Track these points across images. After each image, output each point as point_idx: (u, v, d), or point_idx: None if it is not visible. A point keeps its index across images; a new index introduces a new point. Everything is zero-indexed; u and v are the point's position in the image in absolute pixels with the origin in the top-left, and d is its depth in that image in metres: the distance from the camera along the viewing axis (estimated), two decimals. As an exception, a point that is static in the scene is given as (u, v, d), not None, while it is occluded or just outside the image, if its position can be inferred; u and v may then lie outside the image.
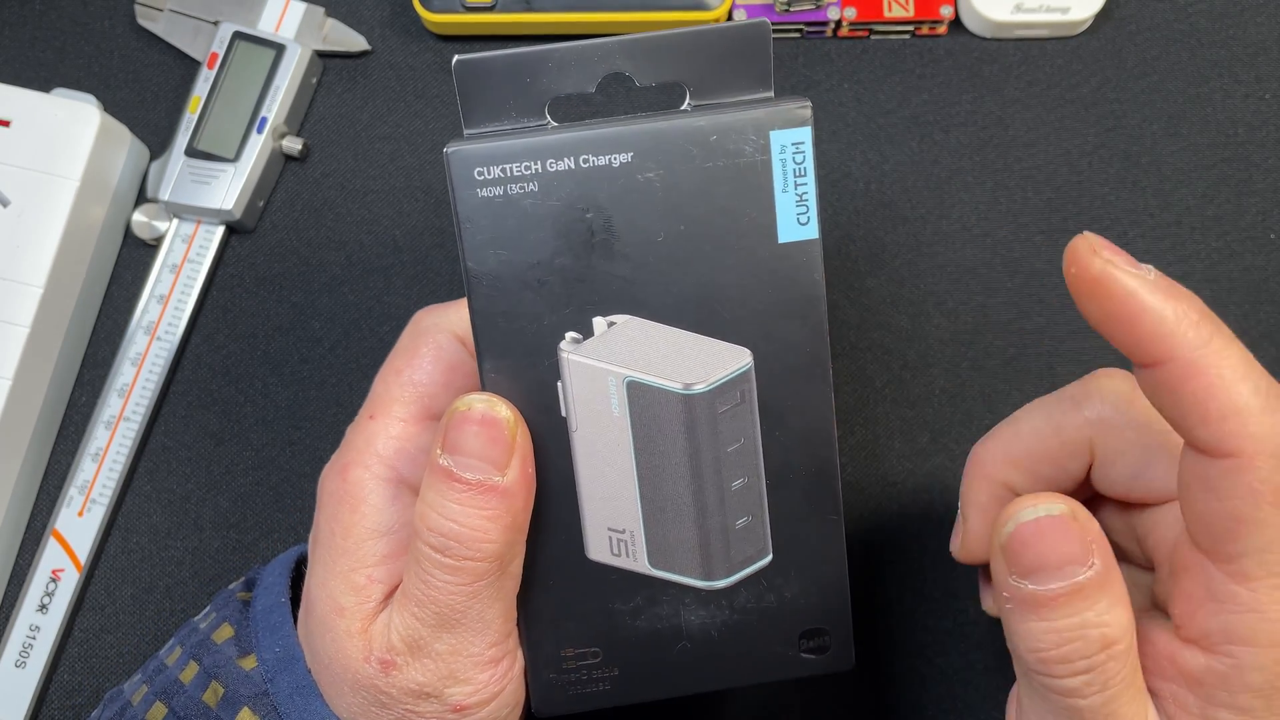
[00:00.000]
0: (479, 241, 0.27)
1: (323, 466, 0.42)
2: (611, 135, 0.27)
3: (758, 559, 0.30)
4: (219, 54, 0.44)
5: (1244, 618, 0.24)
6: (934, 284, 0.43)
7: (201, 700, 0.29)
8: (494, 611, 0.27)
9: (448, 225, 0.44)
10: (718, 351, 0.28)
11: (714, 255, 0.27)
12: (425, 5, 0.44)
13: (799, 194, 0.27)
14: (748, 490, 0.29)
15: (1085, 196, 0.44)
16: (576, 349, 0.28)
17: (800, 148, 0.27)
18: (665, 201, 0.27)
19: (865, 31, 0.45)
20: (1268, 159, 0.44)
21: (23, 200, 0.41)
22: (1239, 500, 0.24)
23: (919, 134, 0.44)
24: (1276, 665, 0.24)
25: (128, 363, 0.43)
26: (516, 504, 0.27)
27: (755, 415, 0.29)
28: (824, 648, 0.30)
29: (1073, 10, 0.43)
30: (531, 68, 0.28)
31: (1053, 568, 0.24)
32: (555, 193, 0.27)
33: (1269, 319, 0.42)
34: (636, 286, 0.27)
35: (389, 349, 0.43)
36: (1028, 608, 0.24)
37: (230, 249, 0.45)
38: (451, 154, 0.27)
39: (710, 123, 0.27)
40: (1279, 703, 0.24)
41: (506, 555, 0.27)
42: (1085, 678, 0.24)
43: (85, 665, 0.41)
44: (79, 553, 0.42)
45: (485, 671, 0.28)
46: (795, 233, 0.28)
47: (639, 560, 0.29)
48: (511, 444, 0.27)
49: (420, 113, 0.45)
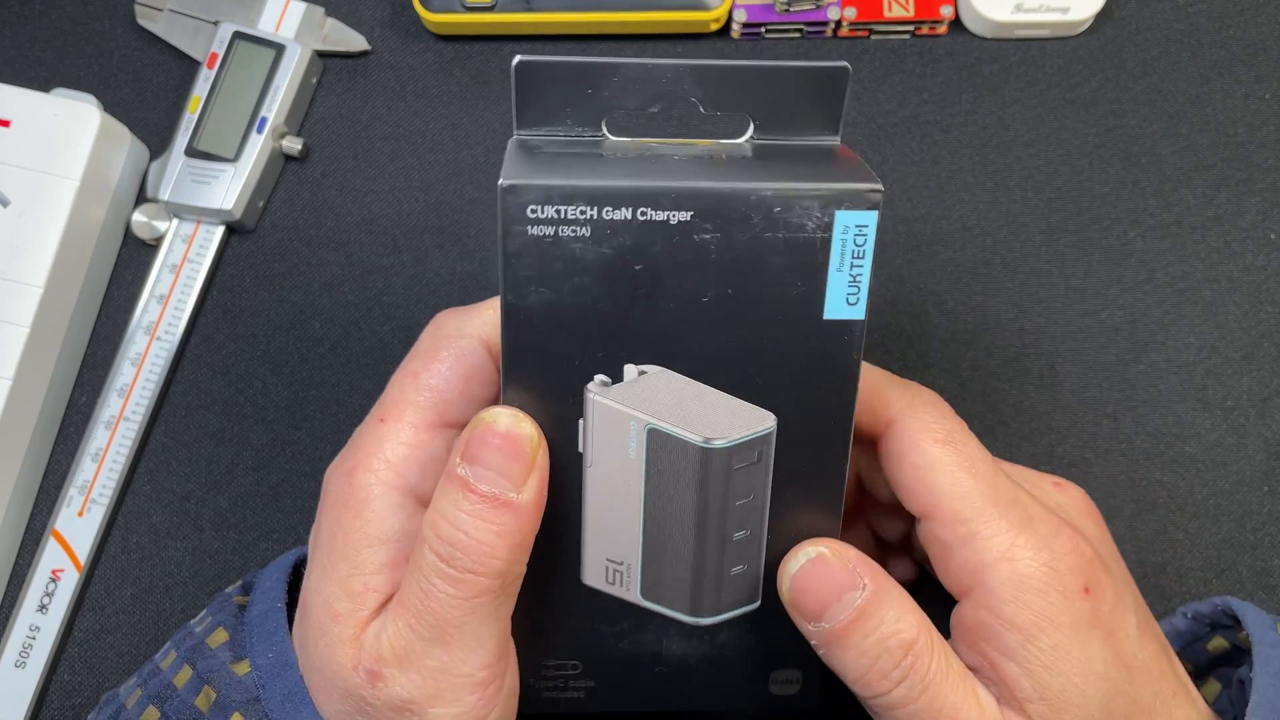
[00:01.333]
0: (521, 278, 0.26)
1: (323, 466, 0.42)
2: (674, 191, 0.26)
3: (746, 604, 0.30)
4: (219, 54, 0.44)
5: (971, 557, 0.28)
6: (934, 284, 0.43)
7: (194, 705, 0.29)
8: (489, 631, 0.27)
9: (448, 225, 0.44)
10: (743, 411, 0.28)
11: (756, 322, 0.27)
12: (425, 5, 0.44)
13: (853, 275, 0.27)
14: (748, 541, 0.29)
15: (1085, 196, 0.44)
16: (604, 391, 0.27)
17: (864, 231, 0.26)
18: (717, 264, 0.26)
19: (865, 31, 0.45)
20: (1268, 159, 0.44)
21: (23, 200, 0.41)
22: (935, 473, 0.28)
23: (919, 134, 0.44)
24: (1011, 579, 0.27)
25: (128, 363, 0.43)
26: (527, 524, 0.27)
27: (769, 476, 0.28)
28: (792, 684, 0.31)
29: (1073, 10, 0.43)
30: (595, 78, 0.27)
31: (832, 602, 0.27)
32: (607, 241, 0.26)
33: (1269, 319, 0.42)
34: (674, 341, 0.27)
35: (389, 349, 0.43)
36: (834, 644, 0.27)
37: (230, 249, 0.45)
38: (506, 188, 0.26)
39: (777, 193, 0.26)
40: (1037, 607, 0.27)
41: (509, 574, 0.27)
42: (905, 685, 0.27)
43: (85, 665, 0.41)
44: (79, 553, 0.42)
45: (473, 694, 0.27)
46: (842, 311, 0.27)
47: (631, 591, 0.30)
48: (531, 462, 0.27)
49: (420, 113, 0.45)
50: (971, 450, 0.29)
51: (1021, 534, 0.28)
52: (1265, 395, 0.42)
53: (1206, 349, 0.42)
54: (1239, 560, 0.41)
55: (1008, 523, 0.28)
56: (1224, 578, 0.41)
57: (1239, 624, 0.32)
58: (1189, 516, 0.41)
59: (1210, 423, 0.42)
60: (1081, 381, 0.42)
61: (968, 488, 0.28)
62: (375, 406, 0.30)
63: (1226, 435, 0.41)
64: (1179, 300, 0.43)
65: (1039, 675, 0.27)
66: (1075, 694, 0.27)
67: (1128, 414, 0.42)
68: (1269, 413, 0.42)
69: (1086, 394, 0.42)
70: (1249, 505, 0.41)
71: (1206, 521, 0.41)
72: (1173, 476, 0.41)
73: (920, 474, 0.28)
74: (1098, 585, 0.28)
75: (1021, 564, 0.27)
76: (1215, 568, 0.41)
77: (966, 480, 0.28)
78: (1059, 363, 0.42)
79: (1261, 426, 0.41)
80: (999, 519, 0.28)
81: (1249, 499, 0.41)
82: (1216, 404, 0.42)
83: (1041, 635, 0.27)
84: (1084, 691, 0.27)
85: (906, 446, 0.29)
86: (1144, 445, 0.41)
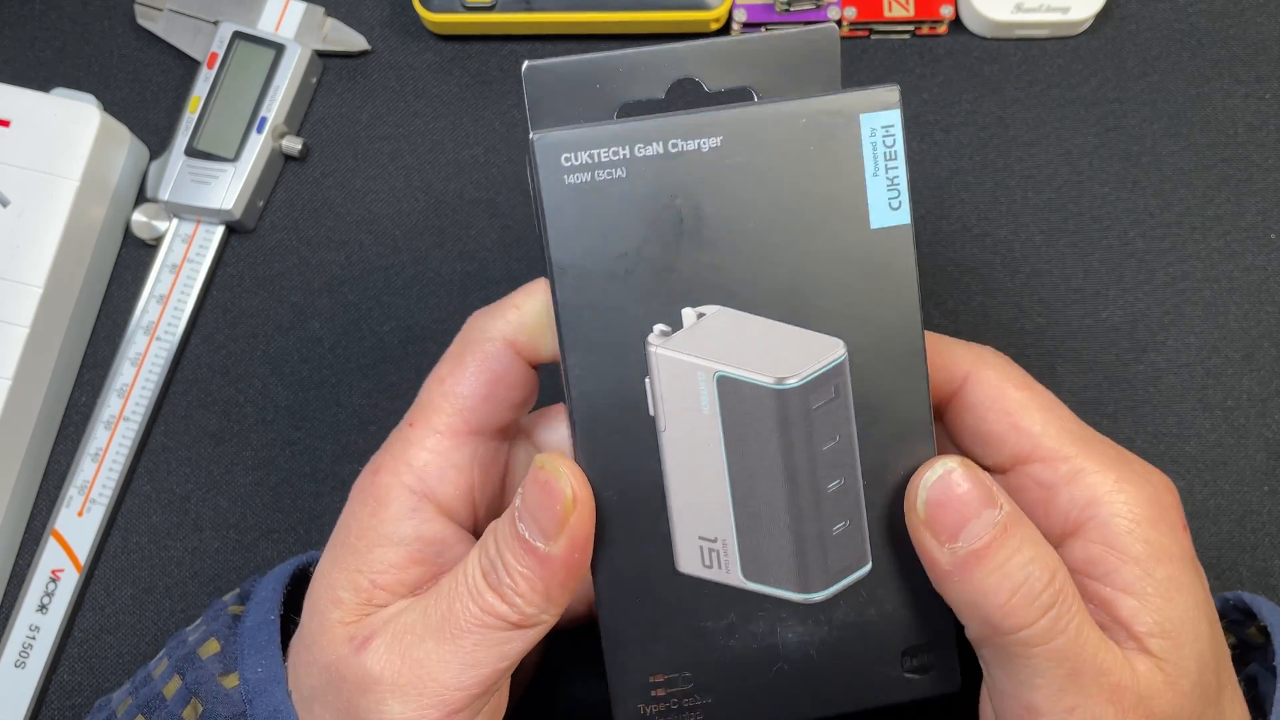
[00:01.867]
0: (566, 231, 0.26)
1: (323, 466, 0.43)
2: (701, 120, 0.26)
3: (857, 568, 0.28)
4: (219, 54, 0.44)
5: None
6: (934, 284, 0.43)
7: (181, 716, 0.29)
8: (485, 660, 0.27)
9: (447, 225, 0.44)
10: (810, 342, 0.27)
11: (805, 242, 0.27)
12: (425, 5, 0.44)
13: (890, 178, 0.27)
14: (845, 492, 0.28)
15: (1085, 196, 0.44)
16: (665, 342, 0.27)
17: (890, 130, 0.27)
18: (755, 187, 0.27)
19: (865, 31, 0.45)
20: (1268, 159, 0.44)
21: (22, 200, 0.41)
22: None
23: (919, 134, 0.44)
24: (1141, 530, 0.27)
25: (127, 363, 0.43)
26: (555, 576, 0.26)
27: (851, 411, 0.27)
28: (927, 667, 0.29)
29: (1073, 10, 0.43)
30: (602, 73, 0.27)
31: (973, 518, 0.25)
32: (643, 178, 0.26)
33: (1269, 319, 0.42)
34: (726, 275, 0.27)
35: (389, 349, 0.43)
36: (971, 567, 0.25)
37: (230, 249, 0.45)
38: (538, 140, 0.26)
39: (801, 107, 0.26)
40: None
41: (528, 617, 0.27)
42: (1051, 615, 0.25)
43: (85, 665, 0.41)
44: (79, 553, 0.42)
45: (435, 709, 0.27)
46: (887, 218, 0.27)
47: (732, 572, 0.28)
48: (563, 520, 0.26)
49: (420, 113, 0.45)
50: (1050, 395, 0.29)
51: (1124, 469, 0.27)
52: (1265, 395, 0.42)
53: (1206, 349, 0.42)
54: (1239, 560, 0.41)
55: (1108, 459, 0.28)
56: (1224, 578, 0.41)
57: (1247, 619, 0.32)
58: (1189, 516, 0.41)
59: (1210, 423, 0.42)
60: (1081, 381, 0.42)
61: (1060, 427, 0.28)
62: (409, 410, 0.30)
63: (1226, 435, 0.41)
64: (1179, 300, 0.43)
65: (1159, 608, 0.26)
66: (1191, 627, 0.26)
67: (1128, 414, 0.42)
68: (1269, 413, 0.42)
69: (1086, 394, 0.42)
70: (1249, 505, 0.41)
71: (1206, 521, 0.41)
72: (1173, 476, 0.41)
73: (1012, 418, 0.28)
74: (1187, 524, 0.28)
75: (1132, 496, 0.27)
76: (1215, 568, 0.41)
77: (1057, 421, 0.28)
78: (1059, 363, 0.42)
79: (1261, 426, 0.41)
80: (1099, 456, 0.28)
81: (1249, 499, 0.41)
82: (1216, 404, 0.42)
83: (1159, 567, 0.26)
84: (1198, 625, 0.27)
85: (992, 395, 0.28)
86: (1144, 445, 0.41)
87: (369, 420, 0.43)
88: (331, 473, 0.43)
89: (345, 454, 0.43)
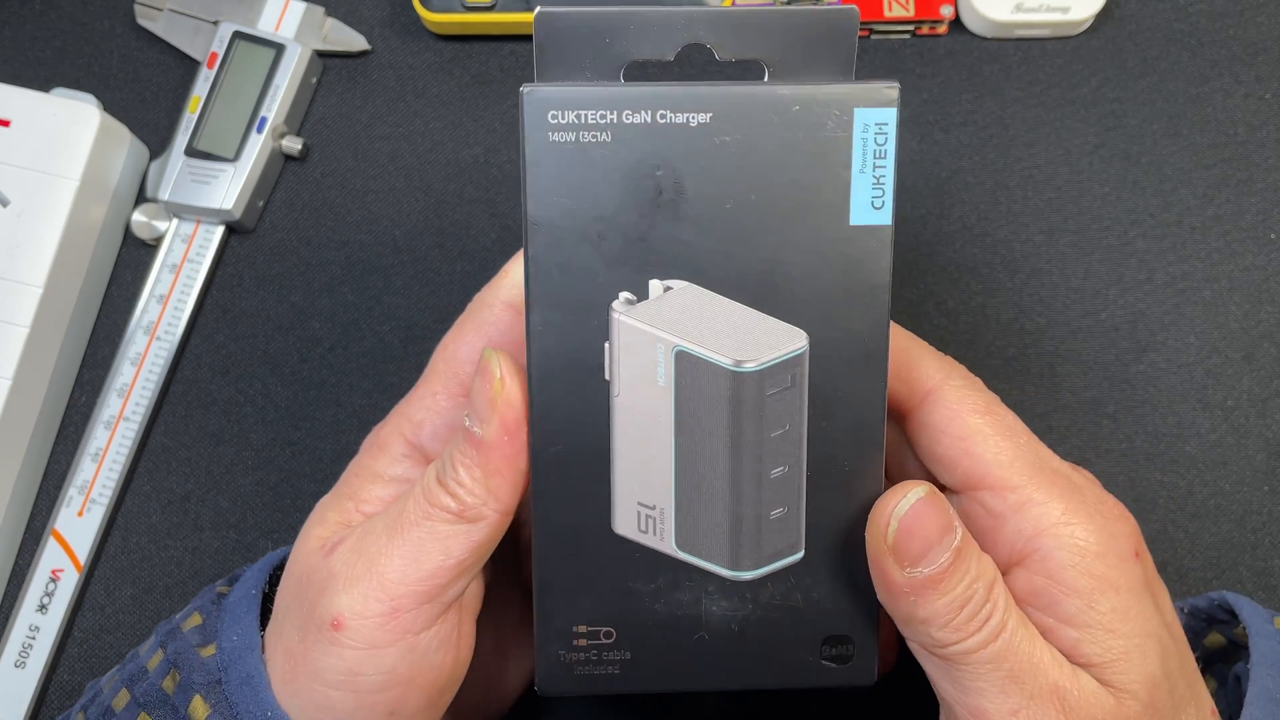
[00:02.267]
0: (544, 187, 0.26)
1: (323, 466, 0.43)
2: (692, 94, 0.26)
3: (789, 554, 0.29)
4: (219, 54, 0.44)
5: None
6: (934, 284, 0.43)
7: (160, 687, 0.30)
8: (431, 555, 0.27)
9: (447, 225, 0.44)
10: (774, 330, 0.27)
11: (781, 229, 0.27)
12: (425, 5, 0.44)
13: (876, 176, 0.27)
14: (787, 480, 0.28)
15: (1085, 196, 0.44)
16: (629, 310, 0.27)
17: (883, 129, 0.26)
18: (739, 168, 0.26)
19: (865, 31, 0.45)
20: (1268, 159, 0.44)
21: (22, 200, 0.41)
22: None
23: (919, 134, 0.44)
24: (1085, 563, 0.27)
25: (127, 363, 0.43)
26: (489, 461, 0.27)
27: (804, 402, 0.28)
28: (846, 657, 0.29)
29: (1073, 10, 0.43)
30: (613, 29, 0.27)
31: (935, 545, 0.26)
32: (628, 145, 0.26)
33: (1269, 319, 0.42)
34: (699, 252, 0.27)
35: (389, 349, 0.43)
36: (927, 591, 0.26)
37: (230, 249, 0.45)
38: (527, 94, 0.26)
39: (794, 93, 0.26)
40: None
41: (468, 509, 0.27)
42: (992, 622, 0.26)
43: (85, 665, 0.41)
44: (79, 553, 0.42)
45: (381, 604, 0.27)
46: (868, 216, 0.27)
47: (666, 540, 0.28)
48: (492, 401, 0.27)
49: (420, 112, 0.45)
50: (1010, 420, 0.29)
51: (1072, 500, 0.28)
52: (1265, 395, 0.42)
53: (1206, 349, 0.42)
54: (1239, 560, 0.41)
55: (1058, 489, 0.28)
56: (1224, 578, 0.41)
57: (1235, 619, 0.32)
58: (1189, 516, 0.41)
59: (1210, 423, 0.42)
60: (1081, 381, 0.42)
61: (1013, 455, 0.28)
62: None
63: (1226, 435, 0.41)
64: (1179, 300, 0.43)
65: (1100, 639, 0.27)
66: (1138, 654, 0.27)
67: (1128, 414, 0.42)
68: (1269, 413, 0.42)
69: (1086, 394, 0.42)
70: (1249, 505, 0.41)
71: (1206, 521, 0.41)
72: (1173, 476, 0.41)
73: (965, 444, 0.28)
74: (1143, 550, 0.28)
75: (1078, 529, 0.27)
76: (1215, 568, 0.41)
77: (1011, 449, 0.28)
78: (1059, 363, 0.42)
79: (1261, 426, 0.41)
80: (1049, 486, 0.28)
81: (1249, 499, 0.41)
82: (1216, 404, 0.42)
83: (1101, 599, 0.27)
84: (1145, 651, 0.27)
85: (948, 418, 0.28)
86: (1144, 445, 0.41)
87: (369, 420, 0.43)
88: (331, 473, 0.43)
89: (345, 454, 0.43)
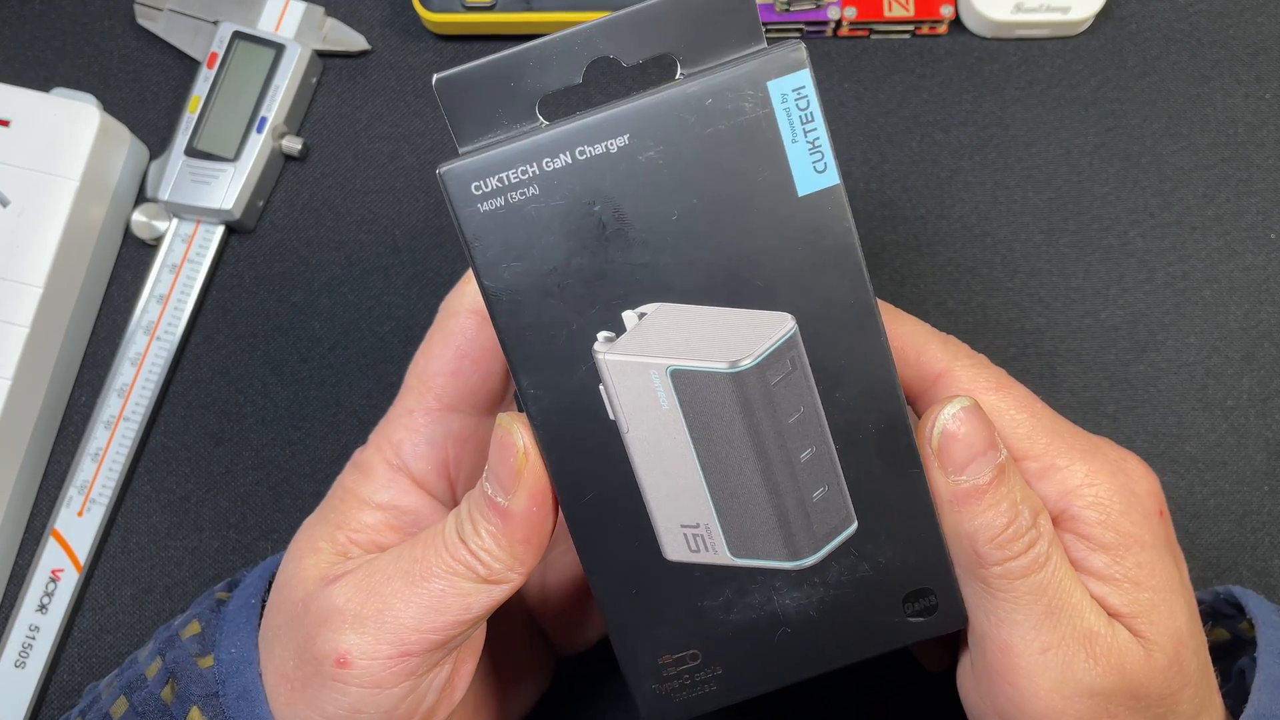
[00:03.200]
0: (490, 258, 0.26)
1: (323, 466, 0.43)
2: (603, 120, 0.26)
3: (843, 528, 0.28)
4: (219, 54, 0.44)
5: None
6: (934, 284, 0.43)
7: (159, 697, 0.29)
8: (447, 609, 0.27)
9: (448, 225, 0.44)
10: (758, 322, 0.27)
11: (734, 223, 0.26)
12: (425, 5, 0.44)
13: (810, 141, 0.26)
14: (818, 459, 0.28)
15: (1085, 196, 0.44)
16: (611, 348, 0.27)
17: (802, 93, 0.26)
18: (672, 178, 0.26)
19: (865, 31, 0.45)
20: (1268, 159, 0.44)
21: (23, 200, 0.41)
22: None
23: (919, 134, 0.44)
24: (1110, 520, 0.28)
25: (127, 363, 0.43)
26: (517, 530, 0.27)
27: (810, 380, 0.27)
28: (932, 608, 0.29)
29: (1073, 10, 0.43)
30: (512, 70, 0.27)
31: (979, 455, 0.27)
32: (557, 192, 0.26)
33: (1269, 319, 0.42)
34: (659, 271, 0.26)
35: (389, 349, 0.43)
36: (971, 501, 0.27)
37: (230, 249, 0.45)
38: (445, 174, 0.26)
39: (702, 87, 0.25)
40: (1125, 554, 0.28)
41: (494, 574, 0.27)
42: (1036, 548, 0.27)
43: (85, 665, 0.41)
44: (78, 553, 0.42)
45: (391, 648, 0.27)
46: (814, 182, 0.26)
47: (719, 552, 0.28)
48: (517, 473, 0.27)
49: (420, 112, 0.45)
50: (1022, 392, 0.29)
51: (1094, 460, 0.28)
52: (1265, 395, 0.42)
53: (1206, 349, 0.42)
54: (1239, 560, 0.41)
55: (1080, 452, 0.28)
56: (1224, 578, 0.41)
57: (1241, 613, 0.32)
58: (1189, 516, 0.41)
59: (1210, 423, 0.42)
60: (1081, 381, 0.42)
61: (1032, 426, 0.28)
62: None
63: (1226, 435, 0.41)
64: (1179, 300, 0.43)
65: (1128, 591, 0.27)
66: (1165, 608, 0.27)
67: (1128, 414, 0.42)
68: (1269, 413, 0.42)
69: (1086, 394, 0.42)
70: (1249, 505, 0.41)
71: (1206, 521, 0.41)
72: (1173, 476, 0.41)
73: None
74: (1165, 510, 0.29)
75: (1101, 489, 0.28)
76: (1215, 568, 0.41)
77: (1029, 419, 0.29)
78: (1059, 363, 0.42)
79: (1261, 426, 0.41)
80: (1069, 450, 0.28)
81: (1249, 499, 0.41)
82: (1216, 404, 0.42)
83: (1127, 554, 0.27)
84: (1172, 605, 0.27)
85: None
86: (1144, 445, 0.41)
87: (369, 420, 0.43)
88: (331, 473, 0.42)
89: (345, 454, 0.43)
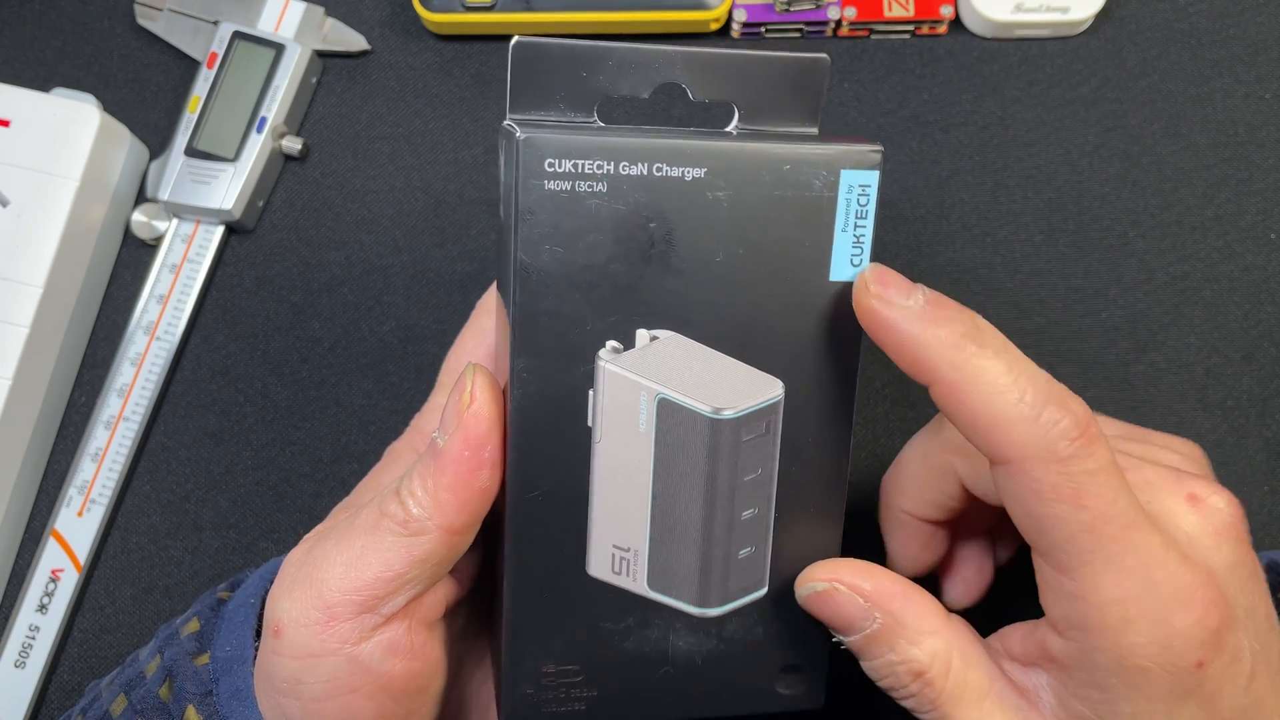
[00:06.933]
0: (536, 234, 0.26)
1: (323, 467, 0.43)
2: (689, 149, 0.26)
3: (753, 590, 0.30)
4: (219, 54, 0.44)
5: (1075, 605, 0.26)
6: (934, 284, 0.43)
7: (157, 695, 0.29)
8: (368, 560, 0.26)
9: (447, 225, 0.44)
10: (752, 379, 0.28)
11: (766, 283, 0.27)
12: (425, 5, 0.44)
13: (857, 235, 0.28)
14: (756, 521, 0.29)
15: (1085, 196, 0.44)
16: (615, 359, 0.27)
17: (866, 190, 0.28)
18: (729, 222, 0.27)
19: (865, 31, 0.45)
20: (1268, 159, 0.44)
21: (22, 200, 0.41)
22: (1027, 502, 0.25)
23: (919, 134, 0.44)
24: (1115, 646, 0.25)
25: (127, 363, 0.43)
26: (444, 475, 0.26)
27: (777, 448, 0.29)
28: (799, 684, 0.31)
29: (1073, 10, 0.43)
30: (590, 62, 0.27)
31: (844, 628, 0.28)
32: (623, 197, 0.26)
33: (1269, 319, 0.42)
34: (686, 303, 0.27)
35: (389, 349, 0.43)
36: (855, 651, 0.29)
37: (230, 249, 0.45)
38: (523, 140, 0.26)
39: (787, 152, 0.27)
40: (1133, 679, 0.25)
41: (408, 519, 0.26)
42: (912, 701, 0.28)
43: (85, 665, 0.41)
44: (78, 553, 0.42)
45: (316, 608, 0.26)
46: (847, 273, 0.28)
47: (638, 580, 0.29)
48: (459, 414, 0.27)
49: (420, 113, 0.45)
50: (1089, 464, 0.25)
51: (1134, 604, 0.25)
52: (1265, 395, 0.42)
53: (1206, 349, 0.42)
54: (1239, 560, 0.41)
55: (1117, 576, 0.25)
56: (1224, 578, 0.41)
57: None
58: (1189, 516, 0.41)
59: (1210, 423, 0.42)
60: (1081, 381, 0.42)
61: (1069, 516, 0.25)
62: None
63: (1226, 435, 0.41)
64: (1179, 300, 0.43)
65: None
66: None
67: (1128, 414, 0.42)
68: (1269, 413, 0.42)
69: (1086, 394, 0.42)
70: (1249, 505, 0.41)
71: (1206, 521, 0.41)
72: (1173, 476, 0.41)
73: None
74: (1217, 652, 0.25)
75: (1133, 646, 0.25)
76: (1215, 568, 0.41)
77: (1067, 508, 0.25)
78: (1059, 363, 0.42)
79: (1261, 426, 0.41)
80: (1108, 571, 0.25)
81: (1249, 499, 0.41)
82: (1216, 404, 0.42)
83: (1124, 704, 0.26)
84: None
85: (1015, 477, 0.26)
86: (1144, 445, 0.41)
87: (369, 420, 0.43)
88: (331, 473, 0.43)
89: (345, 454, 0.43)
